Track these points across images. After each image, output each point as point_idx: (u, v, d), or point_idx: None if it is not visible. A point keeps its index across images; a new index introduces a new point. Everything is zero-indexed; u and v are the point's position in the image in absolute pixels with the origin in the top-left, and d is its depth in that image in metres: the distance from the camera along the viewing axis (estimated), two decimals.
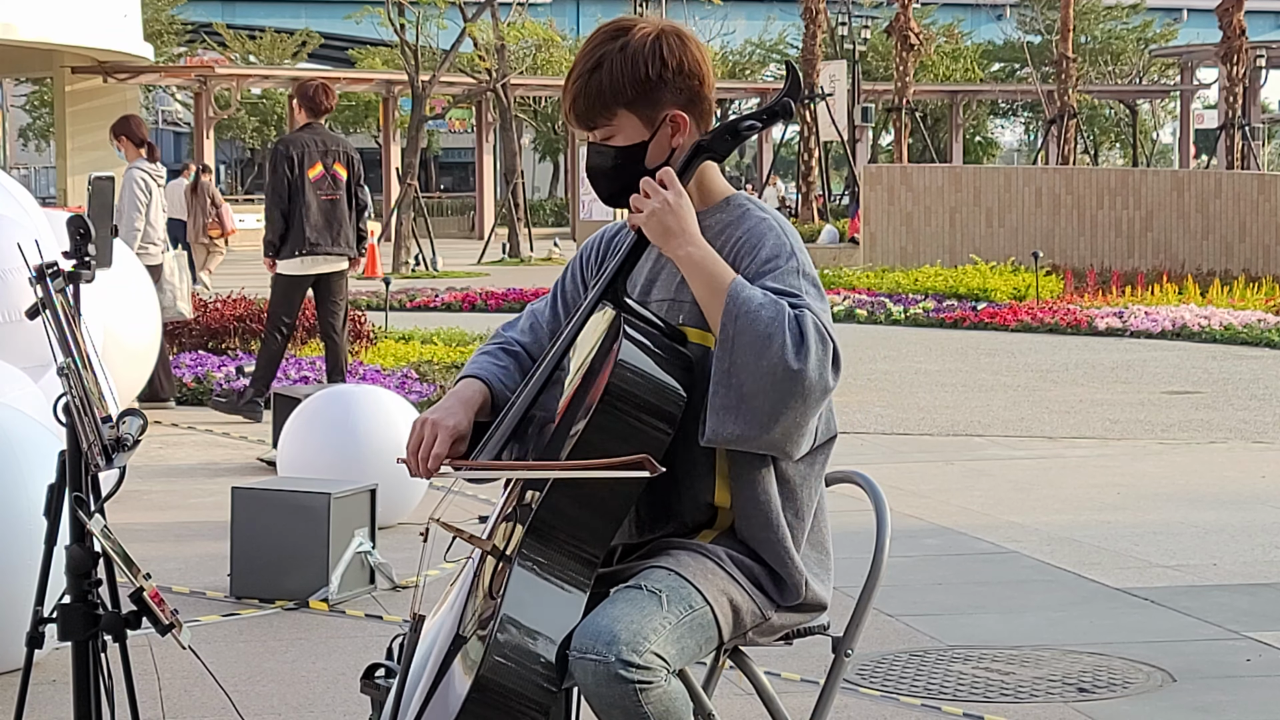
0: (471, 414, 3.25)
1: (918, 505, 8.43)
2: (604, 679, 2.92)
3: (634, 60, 3.20)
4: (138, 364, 10.10)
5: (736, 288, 3.09)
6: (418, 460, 3.19)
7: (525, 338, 3.44)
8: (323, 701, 5.21)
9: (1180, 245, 24.10)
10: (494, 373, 3.34)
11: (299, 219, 10.70)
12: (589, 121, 3.25)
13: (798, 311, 3.07)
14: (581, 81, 3.22)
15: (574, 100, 3.25)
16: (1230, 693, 5.31)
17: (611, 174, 3.27)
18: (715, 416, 3.08)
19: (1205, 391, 13.26)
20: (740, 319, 3.06)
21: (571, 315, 3.31)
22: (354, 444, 7.70)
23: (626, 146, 3.24)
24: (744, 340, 3.05)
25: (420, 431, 3.19)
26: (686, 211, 3.16)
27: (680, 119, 3.25)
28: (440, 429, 3.18)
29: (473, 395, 3.28)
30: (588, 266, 3.45)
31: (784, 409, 3.06)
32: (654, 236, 3.16)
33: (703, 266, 3.13)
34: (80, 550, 3.60)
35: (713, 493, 3.23)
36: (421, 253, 30.54)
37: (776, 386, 3.04)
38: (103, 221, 7.81)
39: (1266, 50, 47.80)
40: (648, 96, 3.22)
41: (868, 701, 5.21)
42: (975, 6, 67.17)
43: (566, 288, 3.46)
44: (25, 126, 62.86)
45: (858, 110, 44.60)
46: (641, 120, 3.23)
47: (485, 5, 34.52)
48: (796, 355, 3.04)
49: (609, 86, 3.20)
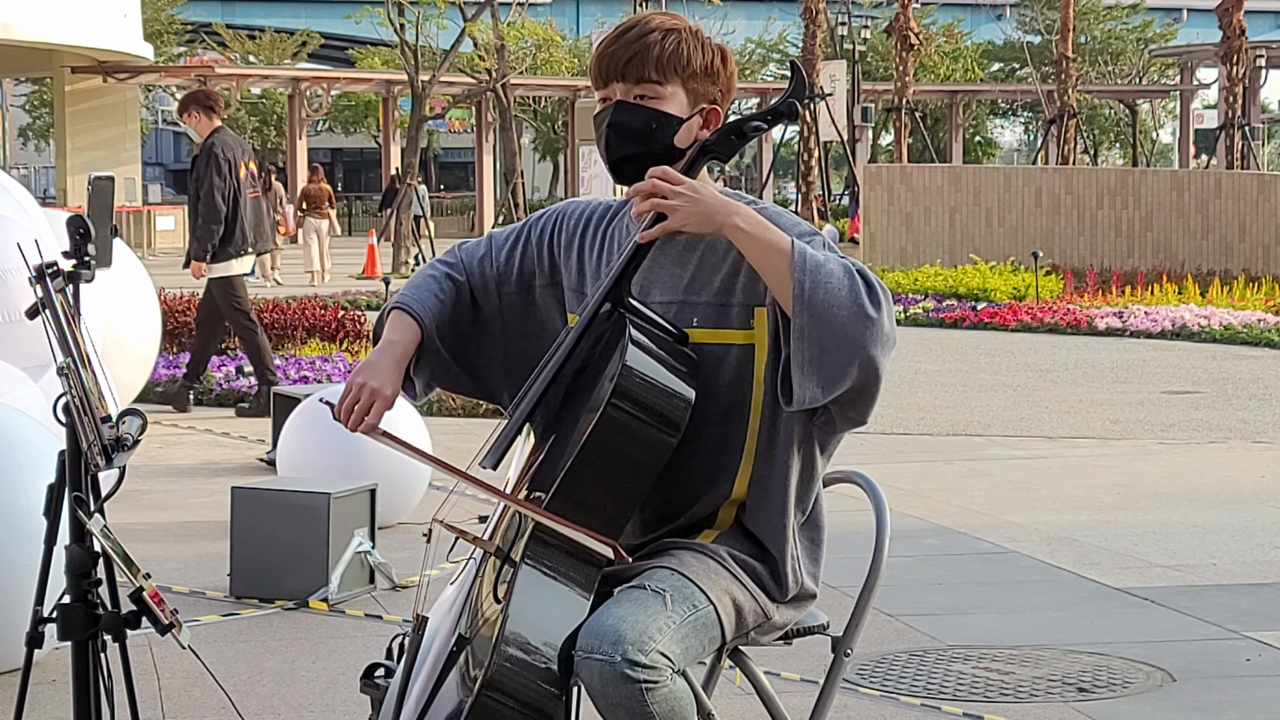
0: (402, 374, 3.32)
1: (918, 505, 8.43)
2: (610, 679, 2.92)
3: (705, 45, 3.31)
4: (138, 365, 10.10)
5: (800, 247, 3.08)
6: (350, 416, 3.24)
7: (474, 269, 3.44)
8: (322, 701, 5.21)
9: (1180, 245, 24.10)
10: (432, 309, 3.36)
11: (239, 220, 11.01)
12: (641, 78, 3.25)
13: (857, 265, 3.09)
14: (654, 37, 3.25)
15: (639, 51, 3.25)
16: (1230, 693, 5.31)
17: (635, 136, 3.26)
18: (799, 374, 3.06)
19: (1205, 391, 13.26)
20: (812, 273, 3.05)
21: (579, 312, 3.30)
22: (354, 444, 7.64)
23: (667, 114, 3.26)
24: (819, 295, 3.04)
25: (357, 394, 3.24)
26: (711, 188, 3.17)
27: (715, 114, 3.31)
28: (379, 398, 3.24)
29: (406, 349, 3.32)
30: (559, 233, 3.42)
31: (862, 356, 3.05)
32: (697, 226, 3.13)
33: (757, 232, 3.11)
34: (80, 550, 3.60)
35: (732, 488, 3.23)
36: (421, 253, 30.55)
37: (857, 336, 3.03)
38: (103, 221, 7.80)
39: (1266, 50, 47.79)
40: (703, 81, 3.28)
41: (867, 701, 5.21)
42: (975, 6, 67.17)
43: (532, 239, 3.44)
44: (25, 126, 62.86)
45: (858, 110, 44.63)
46: (688, 99, 3.28)
47: (485, 5, 34.52)
48: (871, 303, 3.05)
49: (679, 55, 3.26)
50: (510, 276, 3.43)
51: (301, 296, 18.25)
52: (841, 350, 3.04)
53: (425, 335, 3.36)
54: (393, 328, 3.36)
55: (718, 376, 3.19)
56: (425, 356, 3.41)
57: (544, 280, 3.43)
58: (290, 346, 14.15)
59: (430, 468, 3.18)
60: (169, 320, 13.24)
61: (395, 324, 3.36)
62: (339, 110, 60.15)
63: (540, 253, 3.43)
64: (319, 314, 14.99)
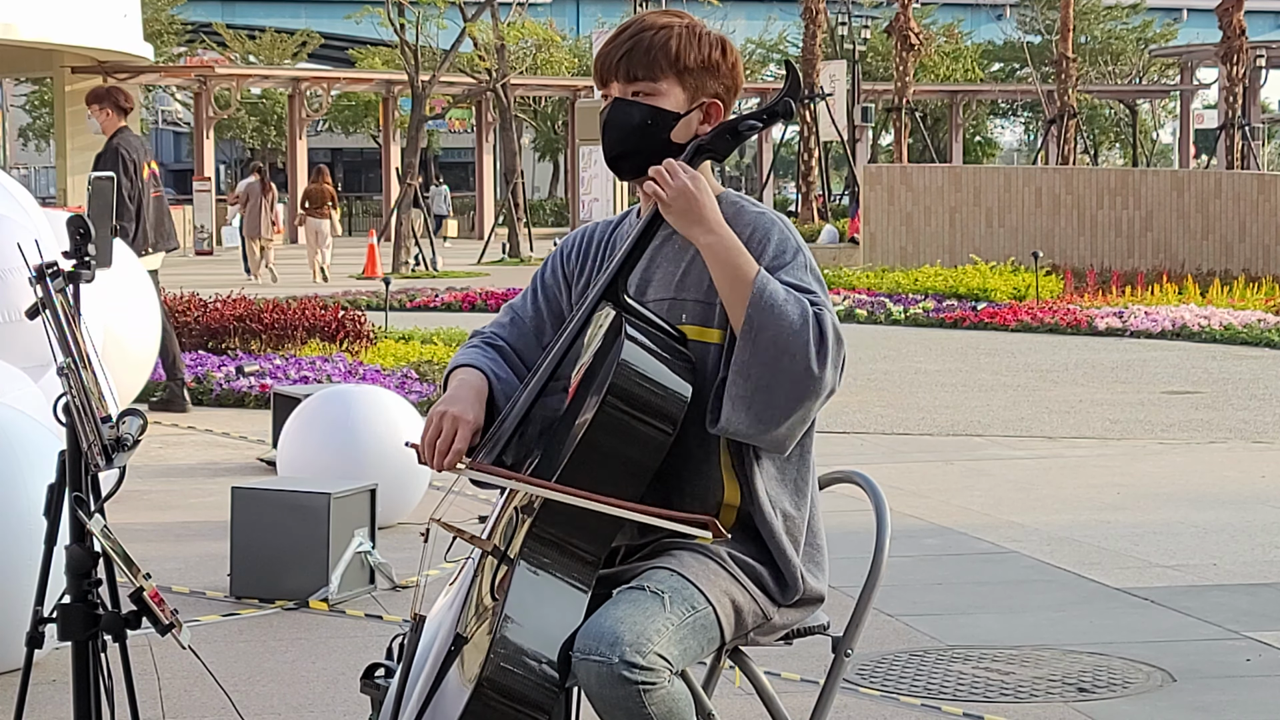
0: (484, 405, 3.24)
1: (918, 505, 8.43)
2: (608, 680, 2.92)
3: (701, 40, 3.28)
4: (138, 365, 10.09)
5: (762, 281, 3.09)
6: (435, 451, 3.16)
7: (507, 333, 3.43)
8: (322, 701, 5.21)
9: (1180, 245, 24.10)
10: (488, 365, 3.33)
11: (142, 220, 11.08)
12: (636, 76, 3.25)
13: (818, 310, 3.09)
14: (647, 35, 3.25)
15: (630, 49, 3.25)
16: (1230, 693, 5.31)
17: (633, 133, 3.26)
18: (730, 404, 3.08)
19: (1205, 391, 13.26)
20: (766, 313, 3.06)
21: (572, 314, 3.30)
22: (354, 444, 7.70)
23: (661, 109, 3.25)
24: (767, 336, 3.06)
25: (439, 424, 3.17)
26: (708, 196, 3.16)
27: (715, 108, 3.30)
28: (461, 424, 3.16)
29: (481, 386, 3.27)
30: (569, 261, 3.44)
31: (796, 408, 3.08)
32: (679, 220, 3.14)
33: (727, 255, 3.12)
34: (80, 550, 3.60)
35: (722, 491, 3.24)
36: (421, 253, 30.53)
37: (795, 386, 3.06)
38: (103, 221, 7.80)
39: (1266, 50, 47.79)
40: (700, 75, 3.27)
41: (868, 701, 5.21)
42: (975, 6, 67.16)
43: (546, 281, 3.45)
44: (25, 126, 62.84)
45: (858, 110, 44.60)
46: (685, 95, 3.27)
47: (485, 5, 34.50)
48: (818, 358, 3.06)
49: (674, 50, 3.24)
50: (545, 325, 3.41)
51: (301, 296, 18.24)
52: (776, 395, 3.07)
53: (491, 383, 3.29)
54: (462, 377, 3.29)
55: (702, 374, 3.19)
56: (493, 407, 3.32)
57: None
58: (290, 346, 14.15)
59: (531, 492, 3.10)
60: (169, 320, 13.22)
61: (458, 374, 3.31)
62: (339, 110, 60.13)
63: (559, 286, 3.43)
64: (319, 314, 14.99)
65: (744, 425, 3.09)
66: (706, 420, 3.13)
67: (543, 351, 3.34)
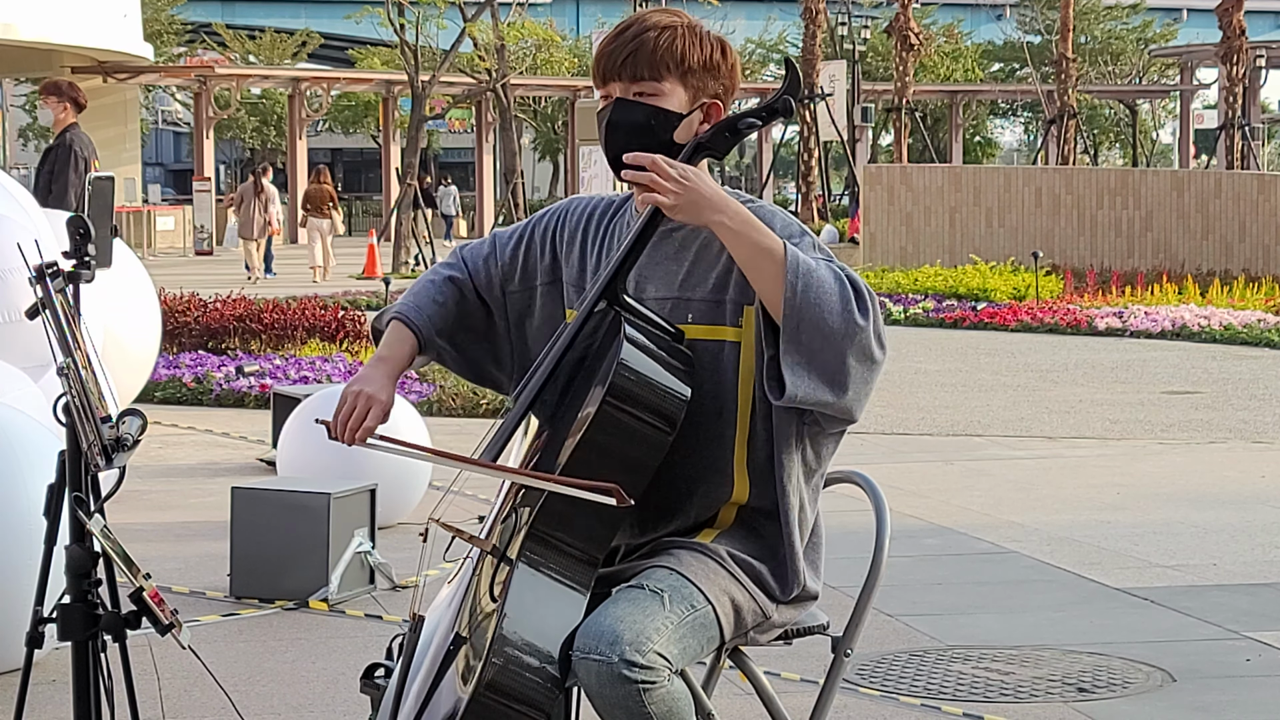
0: (395, 384, 3.36)
1: (918, 505, 8.43)
2: (607, 679, 2.92)
3: (703, 40, 3.28)
4: (138, 365, 10.09)
5: (793, 250, 3.10)
6: (345, 428, 3.28)
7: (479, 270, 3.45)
8: (323, 701, 5.21)
9: (1180, 245, 24.09)
10: (429, 314, 3.38)
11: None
12: (639, 76, 3.24)
13: (846, 271, 3.11)
14: (651, 36, 3.24)
15: (635, 50, 3.24)
16: (1230, 693, 5.31)
17: (635, 132, 3.25)
18: (790, 373, 3.07)
19: (1205, 391, 13.26)
20: (804, 276, 3.07)
21: (575, 310, 3.30)
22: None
23: (665, 110, 3.25)
24: (810, 299, 3.06)
25: (353, 402, 3.28)
26: (709, 180, 3.16)
27: (716, 109, 3.29)
28: (374, 404, 3.28)
29: (400, 362, 3.37)
30: (563, 231, 3.42)
31: (852, 368, 3.09)
32: (687, 215, 3.13)
33: (746, 231, 3.12)
34: (80, 550, 3.60)
35: (732, 488, 3.23)
36: (421, 253, 30.53)
37: (843, 344, 3.07)
38: (103, 221, 7.81)
39: (1266, 50, 47.76)
40: (703, 75, 3.27)
41: (868, 701, 5.21)
42: (975, 6, 67.13)
43: (535, 236, 3.44)
44: (25, 126, 62.82)
45: (858, 110, 44.59)
46: (688, 95, 3.27)
47: (485, 5, 34.50)
48: (860, 310, 3.08)
49: (679, 51, 3.24)
50: (514, 274, 3.44)
51: (301, 296, 18.24)
52: (829, 354, 3.07)
53: (422, 343, 3.39)
54: (388, 341, 3.39)
55: (712, 373, 3.19)
56: (425, 356, 3.45)
57: (546, 277, 3.43)
58: (290, 346, 14.15)
59: (433, 462, 3.18)
60: (169, 320, 13.24)
61: (391, 337, 3.39)
62: (339, 110, 60.09)
63: (544, 249, 3.43)
64: (319, 314, 14.99)
65: (811, 390, 3.08)
66: (769, 393, 3.11)
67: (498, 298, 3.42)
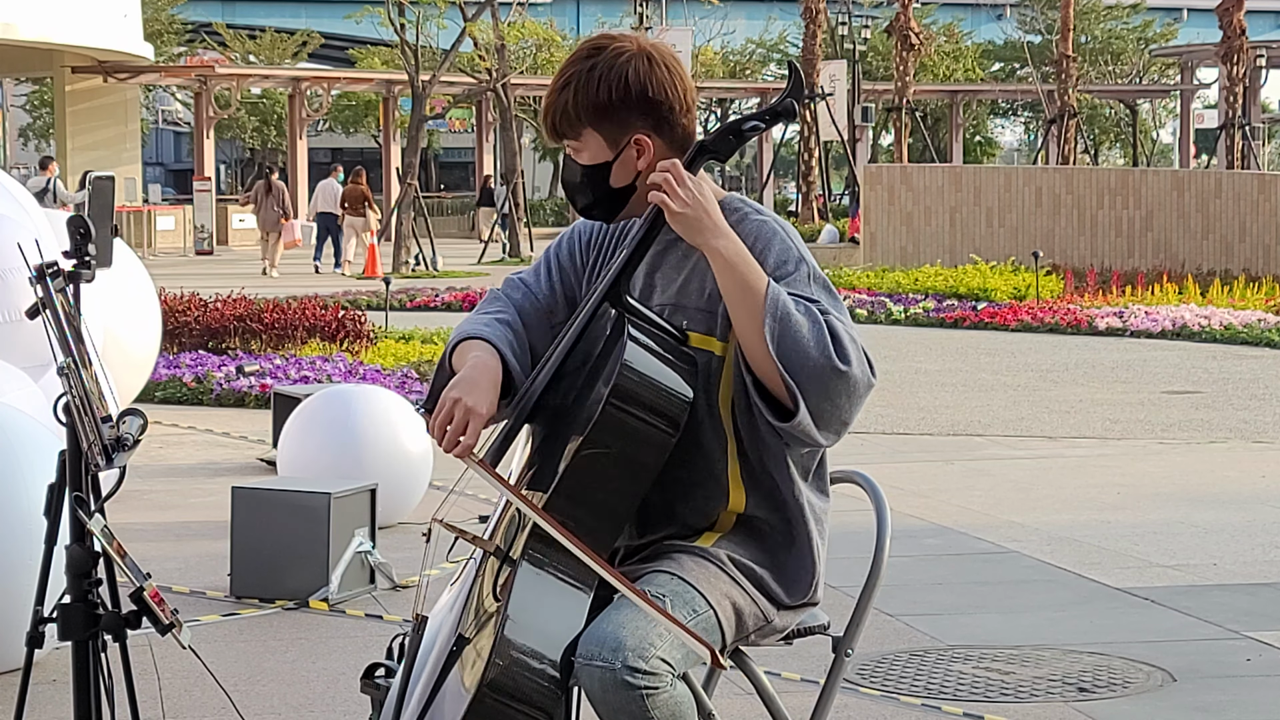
0: (497, 395, 3.17)
1: (918, 505, 8.43)
2: (610, 685, 2.92)
3: (597, 83, 3.19)
4: (138, 365, 10.10)
5: (775, 292, 3.10)
6: (446, 435, 3.09)
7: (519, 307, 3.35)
8: (323, 701, 5.21)
9: (1180, 245, 24.09)
10: (505, 347, 3.24)
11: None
12: (559, 136, 3.27)
13: (827, 317, 3.10)
14: (553, 97, 3.24)
15: (547, 113, 3.27)
16: (1230, 693, 5.31)
17: (579, 188, 3.28)
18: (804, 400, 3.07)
19: (1205, 391, 13.26)
20: (783, 321, 3.07)
21: (575, 314, 3.29)
22: (354, 444, 7.70)
23: (591, 165, 3.24)
24: (787, 343, 3.06)
25: (452, 409, 3.10)
26: (710, 202, 3.15)
27: (644, 142, 3.22)
28: (473, 417, 3.09)
29: (497, 372, 3.18)
30: (588, 250, 3.40)
31: (834, 407, 3.09)
32: (685, 231, 3.13)
33: (735, 263, 3.11)
34: (80, 550, 3.60)
35: (726, 497, 3.23)
36: (421, 252, 30.55)
37: (825, 387, 3.07)
38: (103, 221, 7.81)
39: (1266, 50, 47.74)
40: (610, 119, 3.21)
41: (868, 701, 5.21)
42: (975, 6, 67.14)
43: (563, 262, 3.40)
44: (25, 126, 62.82)
45: (858, 110, 44.58)
46: (606, 140, 3.23)
47: (485, 5, 34.49)
48: (839, 358, 3.07)
49: (573, 106, 3.21)
50: (557, 305, 3.37)
51: (302, 296, 18.25)
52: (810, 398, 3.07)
53: (506, 364, 3.23)
54: (476, 356, 3.21)
55: (703, 381, 3.19)
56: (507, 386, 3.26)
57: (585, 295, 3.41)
58: (290, 346, 14.16)
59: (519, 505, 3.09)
60: (169, 320, 13.24)
61: (472, 349, 3.23)
62: (339, 110, 60.09)
63: (575, 269, 3.40)
64: (319, 314, 14.99)
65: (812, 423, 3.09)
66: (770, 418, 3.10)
67: (551, 333, 3.31)
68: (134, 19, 37.87)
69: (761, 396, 3.11)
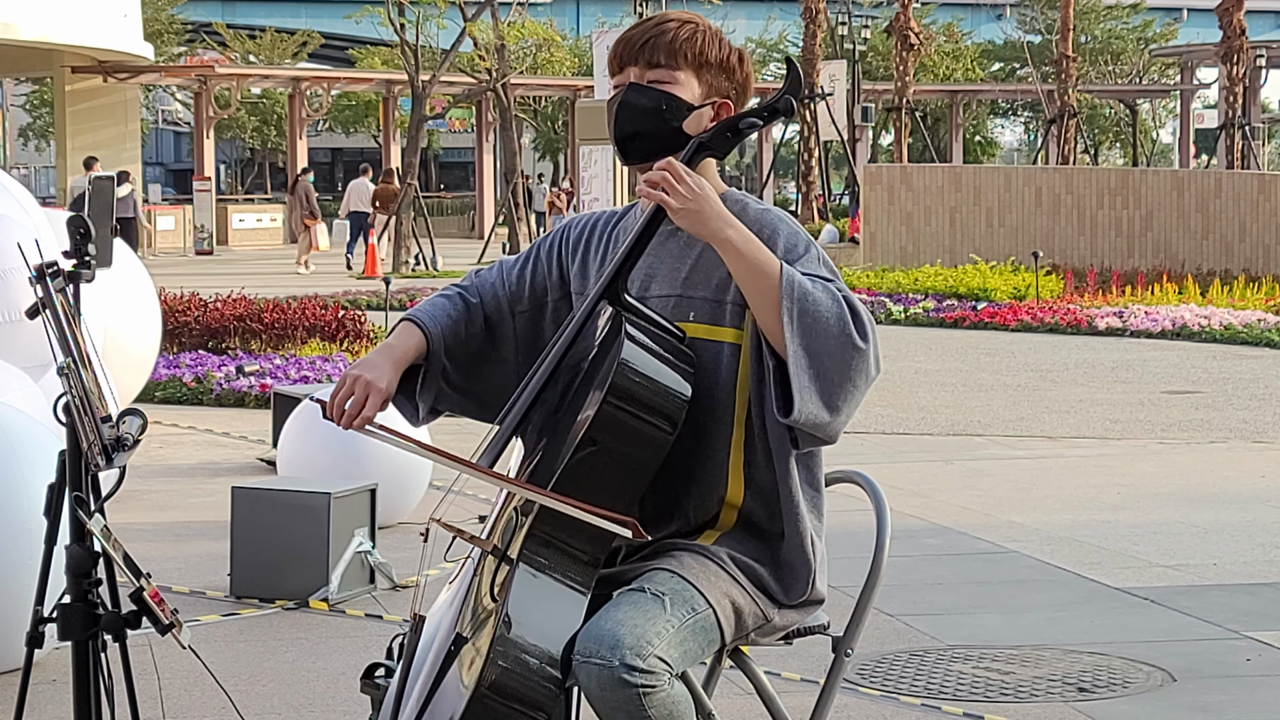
0: (399, 374, 3.31)
1: (918, 505, 8.43)
2: (608, 683, 2.92)
3: (722, 42, 3.33)
4: (138, 365, 10.10)
5: (789, 272, 3.11)
6: (344, 412, 3.24)
7: (485, 288, 3.44)
8: (323, 701, 5.21)
9: (1180, 245, 24.09)
10: (440, 323, 3.37)
11: None
12: (657, 62, 3.27)
13: (844, 293, 3.12)
14: (672, 27, 3.28)
15: (655, 36, 3.28)
16: (1230, 693, 5.31)
17: (645, 115, 3.27)
18: (799, 395, 3.07)
19: (1205, 391, 13.26)
20: (801, 301, 3.08)
21: (572, 313, 3.29)
22: (354, 444, 7.67)
23: (677, 97, 3.27)
24: (808, 321, 3.07)
25: (351, 386, 3.24)
26: (714, 195, 3.16)
27: (726, 108, 3.32)
28: (372, 391, 3.23)
29: (406, 353, 3.33)
30: (567, 246, 3.43)
31: (852, 389, 3.10)
32: (690, 225, 3.14)
33: (747, 250, 3.13)
34: (80, 550, 3.60)
35: (725, 488, 3.23)
36: (421, 252, 30.55)
37: (847, 366, 3.08)
38: (103, 221, 7.81)
39: (1266, 50, 47.75)
40: (719, 73, 3.31)
41: (868, 701, 5.21)
42: (975, 6, 67.14)
43: (540, 256, 3.45)
44: (25, 126, 62.82)
45: (858, 110, 44.58)
46: (701, 88, 3.29)
47: (485, 5, 34.49)
48: (859, 334, 3.09)
49: (698, 44, 3.28)
50: (523, 295, 3.43)
51: (301, 296, 18.25)
52: (830, 378, 3.08)
53: (431, 347, 3.35)
54: (396, 333, 3.37)
55: (709, 373, 3.19)
56: (430, 375, 3.38)
57: (556, 294, 3.43)
58: (290, 346, 14.15)
59: (431, 460, 3.15)
60: (169, 320, 13.24)
61: (399, 330, 3.37)
62: (339, 110, 60.09)
63: (550, 265, 3.43)
64: (319, 314, 14.99)
65: (815, 412, 3.08)
66: (775, 411, 3.11)
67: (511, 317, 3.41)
68: (134, 19, 37.86)
69: (779, 384, 3.11)
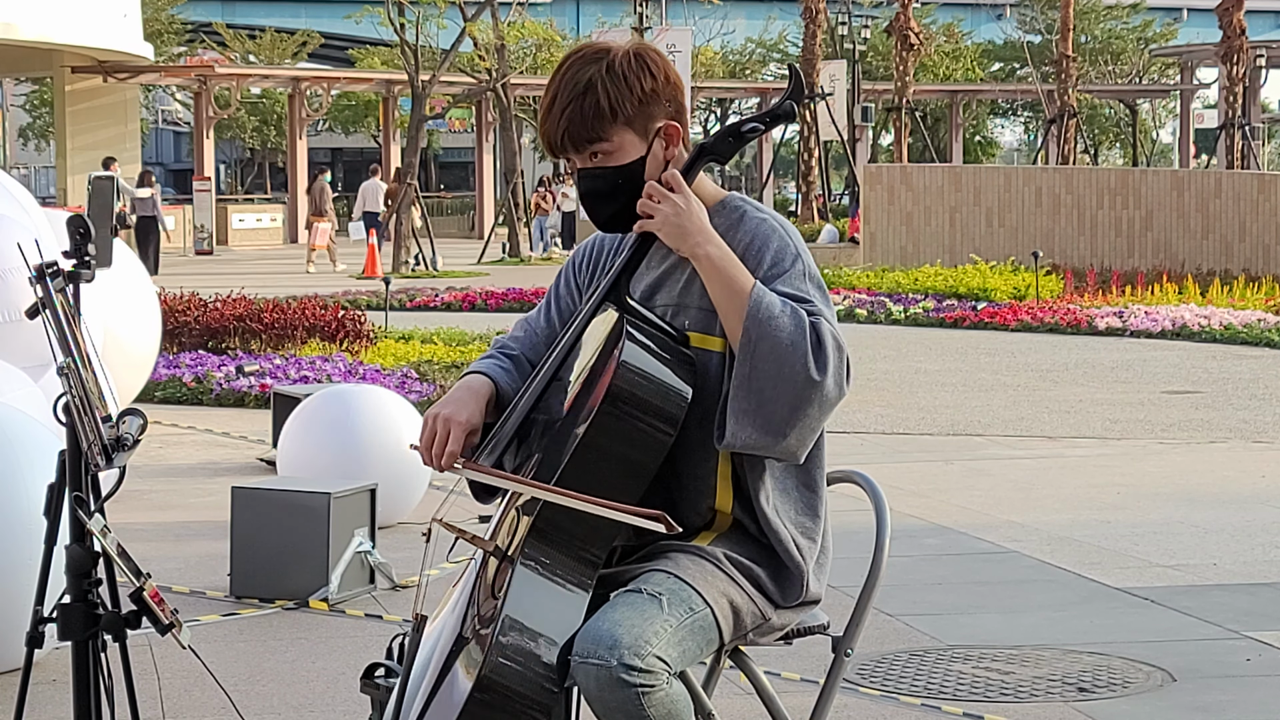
0: (482, 406, 3.25)
1: (918, 505, 8.43)
2: (606, 684, 2.92)
3: (625, 77, 3.19)
4: (138, 365, 10.10)
5: (758, 294, 3.10)
6: (431, 455, 3.19)
7: (521, 344, 3.43)
8: (323, 701, 5.21)
9: (1180, 245, 24.09)
10: (498, 373, 3.34)
11: None
12: (584, 144, 3.21)
13: (814, 320, 3.10)
14: (574, 105, 3.18)
15: (567, 124, 3.19)
16: (1230, 693, 5.31)
17: (612, 195, 3.25)
18: (734, 420, 3.09)
19: (1205, 391, 13.26)
20: (763, 325, 3.08)
21: (574, 316, 3.30)
22: (354, 444, 7.70)
23: (626, 165, 3.22)
24: (765, 347, 3.07)
25: (433, 426, 3.19)
26: (699, 211, 3.16)
27: (673, 129, 3.25)
28: (453, 425, 3.18)
29: (481, 388, 3.28)
30: (580, 272, 3.44)
31: (802, 417, 3.09)
32: (670, 240, 3.15)
33: (722, 268, 3.13)
34: (80, 550, 3.60)
35: (714, 496, 3.24)
36: (421, 252, 30.56)
37: (797, 395, 3.07)
38: (103, 221, 7.80)
39: (1266, 50, 47.76)
40: (644, 111, 3.21)
41: (868, 701, 5.21)
42: (975, 6, 67.14)
43: (560, 293, 3.45)
44: (25, 126, 62.83)
45: (858, 110, 44.60)
46: (638, 135, 3.22)
47: (485, 5, 34.50)
48: (817, 366, 3.07)
49: (607, 105, 3.18)
50: (555, 332, 3.40)
51: (301, 296, 18.25)
52: (778, 405, 3.07)
53: (499, 388, 3.29)
54: (462, 381, 3.31)
55: (701, 381, 3.20)
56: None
57: None
58: (290, 346, 14.15)
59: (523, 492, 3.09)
60: (169, 320, 13.24)
61: (466, 380, 3.30)
62: (339, 110, 60.12)
63: (571, 293, 3.43)
64: (319, 314, 14.99)
65: (751, 438, 3.10)
66: (714, 437, 3.13)
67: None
68: (134, 19, 37.87)
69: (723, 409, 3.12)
